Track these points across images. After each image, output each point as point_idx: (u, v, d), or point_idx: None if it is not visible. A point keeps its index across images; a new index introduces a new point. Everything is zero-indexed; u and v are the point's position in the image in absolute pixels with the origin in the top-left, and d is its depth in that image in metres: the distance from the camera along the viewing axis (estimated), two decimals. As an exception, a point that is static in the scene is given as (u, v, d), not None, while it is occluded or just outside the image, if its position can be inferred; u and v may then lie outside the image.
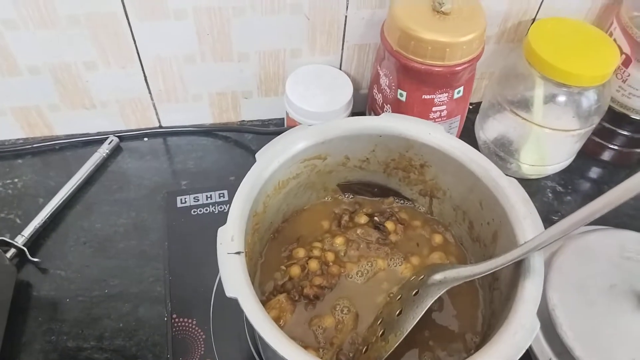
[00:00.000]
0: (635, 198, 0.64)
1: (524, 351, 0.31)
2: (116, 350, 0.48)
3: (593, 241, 0.52)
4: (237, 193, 0.37)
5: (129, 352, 0.48)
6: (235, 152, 0.65)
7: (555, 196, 0.63)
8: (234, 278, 0.33)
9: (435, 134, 0.42)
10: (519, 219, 0.37)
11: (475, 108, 0.67)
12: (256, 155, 0.39)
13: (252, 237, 0.40)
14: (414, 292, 0.38)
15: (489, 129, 0.63)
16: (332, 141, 0.42)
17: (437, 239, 0.46)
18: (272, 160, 0.39)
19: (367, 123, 0.42)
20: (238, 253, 0.34)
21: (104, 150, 0.62)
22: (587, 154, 0.65)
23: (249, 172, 0.38)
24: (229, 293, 0.32)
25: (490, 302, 0.41)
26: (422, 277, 0.40)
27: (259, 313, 0.31)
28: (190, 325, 0.48)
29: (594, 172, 0.66)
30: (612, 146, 0.65)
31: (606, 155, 0.66)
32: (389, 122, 0.42)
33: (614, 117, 0.62)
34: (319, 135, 0.41)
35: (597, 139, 0.65)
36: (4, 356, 0.47)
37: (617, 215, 0.59)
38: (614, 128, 0.63)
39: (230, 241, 0.34)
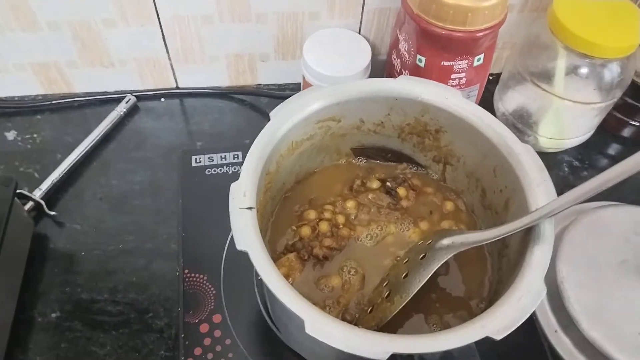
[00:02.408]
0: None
1: (528, 315, 0.31)
2: (129, 303, 0.49)
3: (606, 216, 0.52)
4: (250, 150, 0.37)
5: (141, 306, 0.49)
6: (251, 115, 0.65)
7: (572, 171, 0.62)
8: (245, 232, 0.33)
9: (452, 99, 0.41)
10: (532, 186, 0.37)
11: (495, 79, 0.66)
12: (270, 114, 0.39)
13: (265, 195, 0.40)
14: (421, 256, 0.39)
15: (508, 100, 0.62)
16: (347, 103, 0.42)
17: (449, 206, 0.46)
18: (286, 119, 0.39)
19: (384, 85, 0.42)
20: (250, 208, 0.34)
21: (121, 108, 0.62)
22: (607, 129, 0.64)
23: (263, 130, 0.38)
24: (240, 246, 0.32)
25: (499, 269, 0.41)
26: (430, 241, 0.40)
27: (268, 266, 0.32)
28: (201, 280, 0.49)
29: (613, 149, 0.65)
30: (633, 122, 0.63)
31: (626, 132, 0.65)
32: (406, 85, 0.42)
33: (637, 92, 0.60)
34: (334, 96, 0.40)
35: (618, 115, 0.63)
36: (21, 304, 0.48)
37: (633, 193, 0.59)
38: (636, 103, 0.61)
39: (243, 196, 0.34)
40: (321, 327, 0.30)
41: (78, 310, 0.49)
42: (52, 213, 0.54)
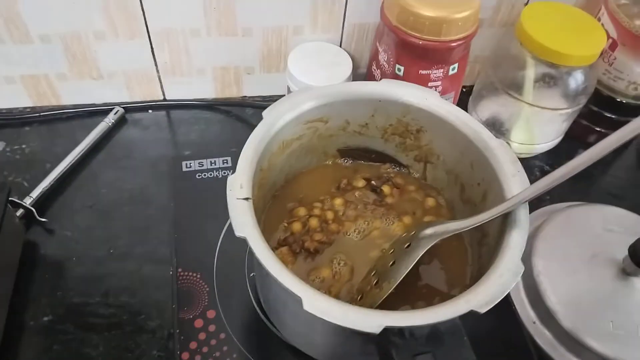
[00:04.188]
0: (617, 176, 0.67)
1: (508, 290, 0.34)
2: (121, 306, 0.50)
3: (577, 215, 0.55)
4: (245, 145, 0.39)
5: (133, 308, 0.50)
6: (236, 125, 0.67)
7: (543, 175, 0.64)
8: (243, 219, 0.35)
9: (431, 99, 0.44)
10: (508, 176, 0.40)
11: (468, 91, 0.70)
12: (263, 113, 0.41)
13: (258, 191, 0.42)
14: (406, 245, 0.41)
15: (481, 109, 0.65)
16: (335, 104, 0.44)
17: (430, 202, 0.49)
18: (278, 118, 0.41)
19: (368, 88, 0.45)
20: (246, 199, 0.36)
21: (109, 120, 0.64)
22: (575, 136, 0.68)
23: (257, 128, 0.40)
24: (238, 233, 0.34)
25: (479, 257, 0.43)
26: (413, 232, 0.42)
27: (266, 251, 0.34)
28: (195, 278, 0.50)
29: (579, 154, 0.69)
30: (598, 129, 0.67)
31: (592, 138, 0.68)
32: (389, 87, 0.45)
33: (601, 100, 0.64)
34: (323, 97, 0.43)
35: (584, 122, 0.67)
36: (13, 310, 0.48)
37: (602, 195, 0.62)
38: (600, 111, 0.66)
39: (240, 188, 0.36)
40: (318, 303, 0.32)
41: (70, 313, 0.49)
42: (43, 220, 0.55)
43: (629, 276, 0.49)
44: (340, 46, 0.65)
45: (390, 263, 0.40)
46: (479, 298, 0.33)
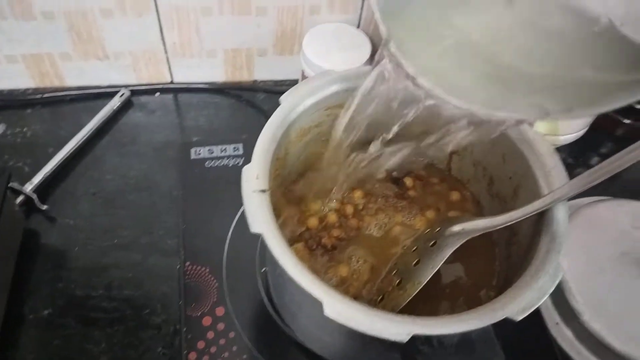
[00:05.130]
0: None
1: (547, 296, 0.31)
2: (125, 299, 0.48)
3: (604, 210, 0.52)
4: (261, 133, 0.36)
5: (137, 302, 0.48)
6: (247, 111, 0.64)
7: (566, 168, 0.63)
8: (259, 214, 0.32)
9: (460, 85, 0.41)
10: (543, 171, 0.37)
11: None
12: (281, 98, 0.38)
13: (273, 182, 0.39)
14: (431, 243, 0.38)
15: (504, 98, 0.62)
16: (357, 90, 0.41)
17: (454, 196, 0.46)
18: (297, 104, 0.39)
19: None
20: (263, 191, 0.33)
21: (115, 103, 0.61)
22: (600, 128, 0.65)
23: (274, 113, 0.37)
24: (254, 229, 0.32)
25: (507, 257, 0.41)
26: (438, 229, 0.39)
27: (284, 249, 0.31)
28: (203, 273, 0.48)
29: (606, 147, 0.66)
30: (625, 120, 0.64)
31: (619, 130, 0.66)
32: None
33: (630, 91, 0.61)
34: (346, 81, 0.40)
35: (611, 113, 0.64)
36: (12, 302, 0.46)
37: (629, 188, 0.59)
38: (629, 102, 0.63)
39: (255, 179, 0.34)
40: (341, 309, 0.29)
41: (71, 306, 0.47)
42: (44, 207, 0.52)
43: (658, 277, 0.46)
44: (359, 27, 0.62)
45: (414, 262, 0.38)
46: (515, 304, 0.31)
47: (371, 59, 0.58)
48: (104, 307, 0.47)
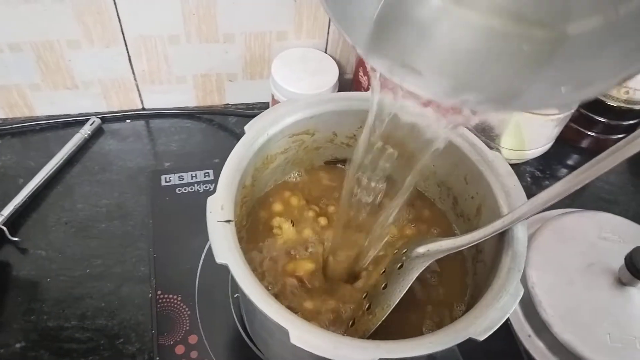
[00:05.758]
0: (608, 181, 0.66)
1: (508, 315, 0.32)
2: (98, 329, 0.48)
3: (571, 222, 0.53)
4: (226, 163, 0.37)
5: (111, 332, 0.48)
6: (219, 135, 0.65)
7: (534, 181, 0.64)
8: (224, 245, 0.33)
9: (422, 110, 0.42)
10: (503, 191, 0.38)
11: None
12: (245, 128, 0.39)
13: (240, 210, 0.40)
14: (398, 266, 0.39)
15: (471, 115, 0.64)
16: (321, 116, 0.42)
17: (425, 212, 0.47)
18: (261, 133, 0.39)
19: (356, 98, 0.43)
20: (228, 221, 0.34)
21: (85, 131, 0.61)
22: (566, 141, 0.67)
23: (238, 144, 0.38)
24: (219, 259, 0.32)
25: (474, 274, 0.42)
26: (405, 250, 0.40)
27: (249, 278, 0.32)
28: (175, 301, 0.47)
29: (572, 159, 0.68)
30: (589, 133, 0.66)
31: (584, 143, 0.68)
32: (377, 98, 0.43)
33: (592, 105, 0.63)
34: (308, 110, 0.41)
35: (575, 126, 0.66)
36: (-18, 336, 0.46)
37: (594, 200, 0.61)
38: (591, 115, 0.65)
39: (220, 210, 0.34)
40: (306, 336, 0.30)
41: (44, 339, 0.47)
42: (15, 239, 0.52)
43: (625, 286, 0.48)
44: (326, 52, 0.63)
45: (382, 286, 0.38)
46: (478, 324, 0.32)
47: (338, 83, 0.59)
48: (78, 337, 0.47)
